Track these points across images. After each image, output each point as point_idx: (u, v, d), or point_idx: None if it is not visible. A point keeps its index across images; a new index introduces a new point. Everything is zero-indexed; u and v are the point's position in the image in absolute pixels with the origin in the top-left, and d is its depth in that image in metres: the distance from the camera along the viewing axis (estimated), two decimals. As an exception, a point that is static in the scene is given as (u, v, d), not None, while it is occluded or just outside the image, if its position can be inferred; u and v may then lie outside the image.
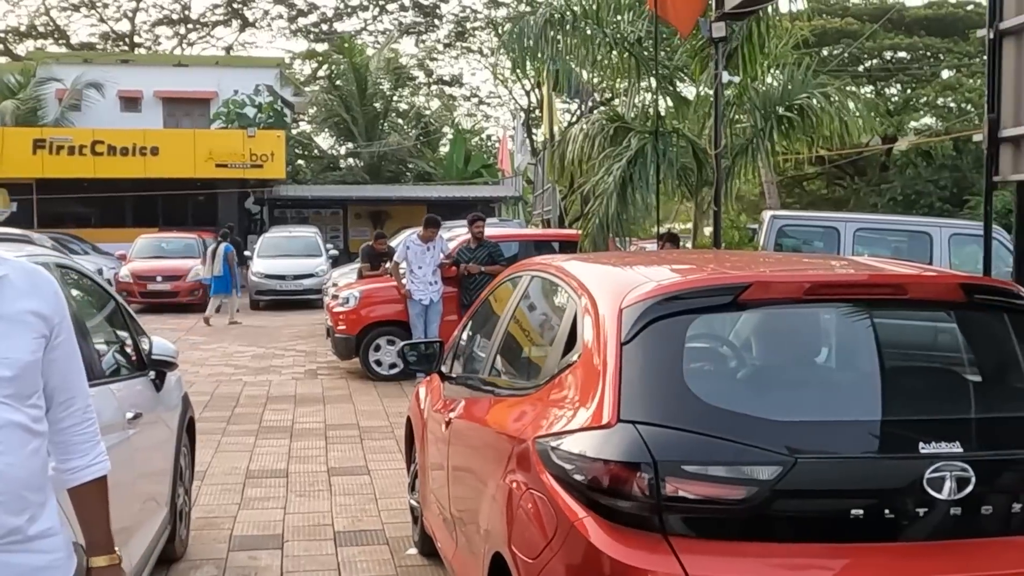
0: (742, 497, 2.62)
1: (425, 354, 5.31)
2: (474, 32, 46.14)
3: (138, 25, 49.11)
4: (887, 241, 12.62)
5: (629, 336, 2.94)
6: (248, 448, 8.54)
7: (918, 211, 27.36)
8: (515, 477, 3.21)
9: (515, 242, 13.41)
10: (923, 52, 33.38)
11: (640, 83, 12.55)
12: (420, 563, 5.62)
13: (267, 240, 24.47)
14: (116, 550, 2.50)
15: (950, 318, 3.12)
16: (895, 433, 2.77)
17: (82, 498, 2.49)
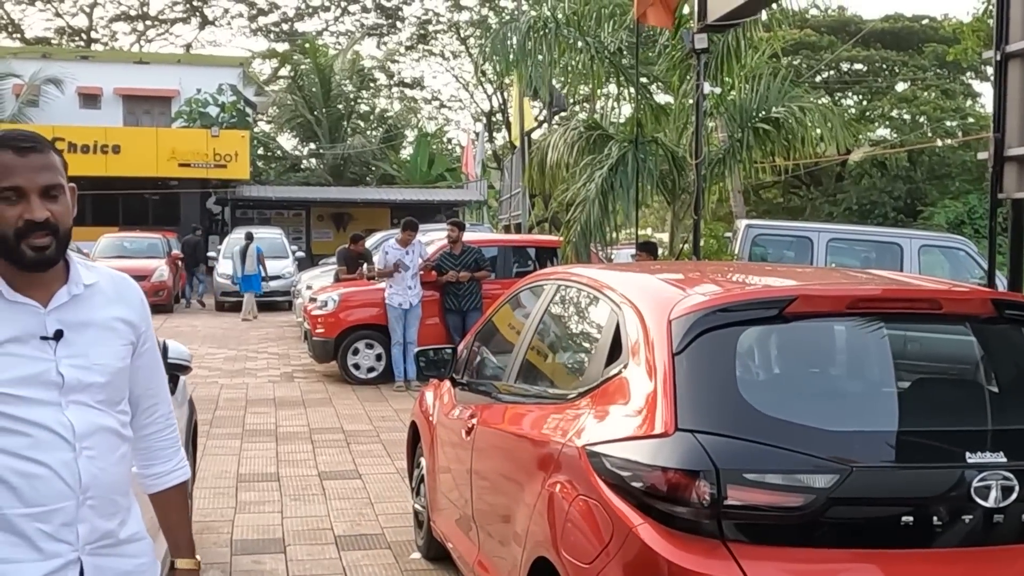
0: (799, 504, 2.72)
1: (436, 360, 5.37)
2: (436, 35, 46.17)
3: (95, 20, 48.51)
4: (859, 251, 12.89)
5: (680, 347, 3.03)
6: (235, 452, 8.51)
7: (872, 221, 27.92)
8: (561, 483, 3.28)
9: (495, 247, 13.48)
10: (879, 65, 34.03)
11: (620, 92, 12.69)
12: (425, 567, 5.67)
13: (233, 240, 24.28)
14: (198, 556, 2.54)
15: (982, 332, 3.25)
16: (942, 443, 2.89)
17: (165, 503, 2.52)
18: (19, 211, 2.13)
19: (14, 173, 2.13)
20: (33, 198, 2.14)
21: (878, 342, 3.18)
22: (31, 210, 2.13)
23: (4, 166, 2.13)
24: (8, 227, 2.13)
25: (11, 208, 2.13)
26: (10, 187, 2.13)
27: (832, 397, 3.11)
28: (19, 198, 2.13)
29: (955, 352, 3.33)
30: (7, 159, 2.13)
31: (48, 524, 2.16)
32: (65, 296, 2.25)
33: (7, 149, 2.14)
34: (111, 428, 2.28)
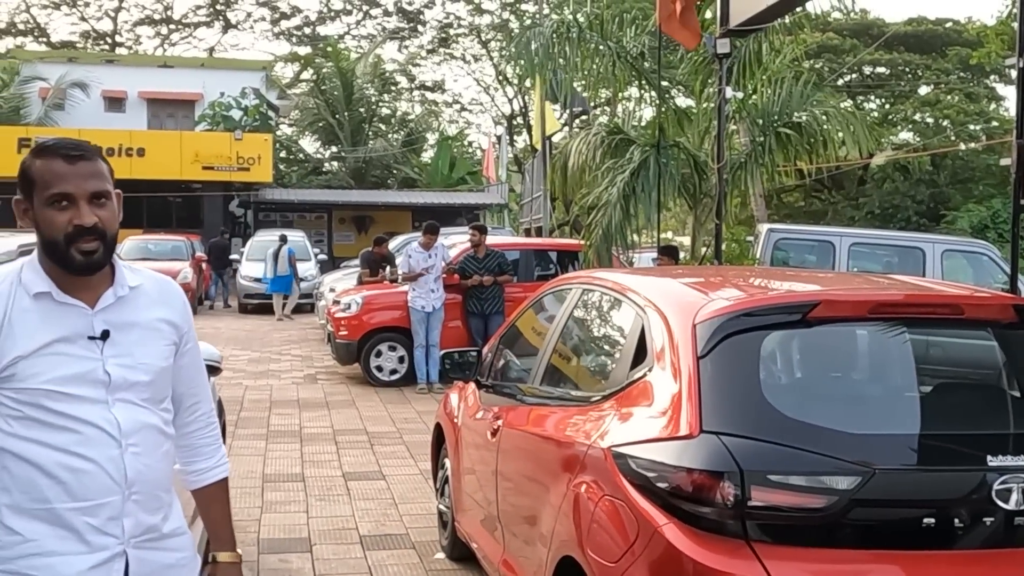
0: (822, 506, 2.77)
1: (461, 363, 5.45)
2: (457, 39, 46.31)
3: (120, 24, 48.95)
4: (881, 256, 12.88)
5: (705, 350, 3.09)
6: (260, 452, 8.61)
7: (895, 225, 27.83)
8: (587, 483, 3.34)
9: (517, 251, 13.56)
10: (902, 68, 33.91)
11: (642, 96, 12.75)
12: (450, 567, 5.74)
13: (255, 244, 24.46)
14: (238, 549, 2.62)
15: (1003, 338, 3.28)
16: (964, 446, 2.94)
17: (206, 498, 2.61)
18: (69, 216, 2.22)
19: (64, 180, 2.22)
20: (82, 204, 2.23)
21: (900, 346, 3.23)
22: (80, 216, 2.22)
23: (54, 173, 2.22)
24: (58, 232, 2.22)
25: (61, 214, 2.22)
26: (60, 193, 2.22)
27: (854, 400, 3.16)
28: (69, 204, 2.22)
29: (976, 357, 3.37)
30: (57, 167, 2.22)
31: (95, 518, 2.25)
32: (111, 298, 2.33)
33: (57, 157, 2.23)
34: (155, 426, 2.37)
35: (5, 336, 2.21)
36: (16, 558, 2.24)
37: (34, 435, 2.22)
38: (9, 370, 2.21)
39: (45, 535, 2.23)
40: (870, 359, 3.32)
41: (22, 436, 2.23)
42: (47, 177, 2.22)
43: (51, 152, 2.24)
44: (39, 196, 2.23)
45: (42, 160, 2.24)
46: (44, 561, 2.23)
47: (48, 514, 2.23)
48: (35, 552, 2.23)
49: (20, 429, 2.23)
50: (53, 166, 2.22)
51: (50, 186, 2.22)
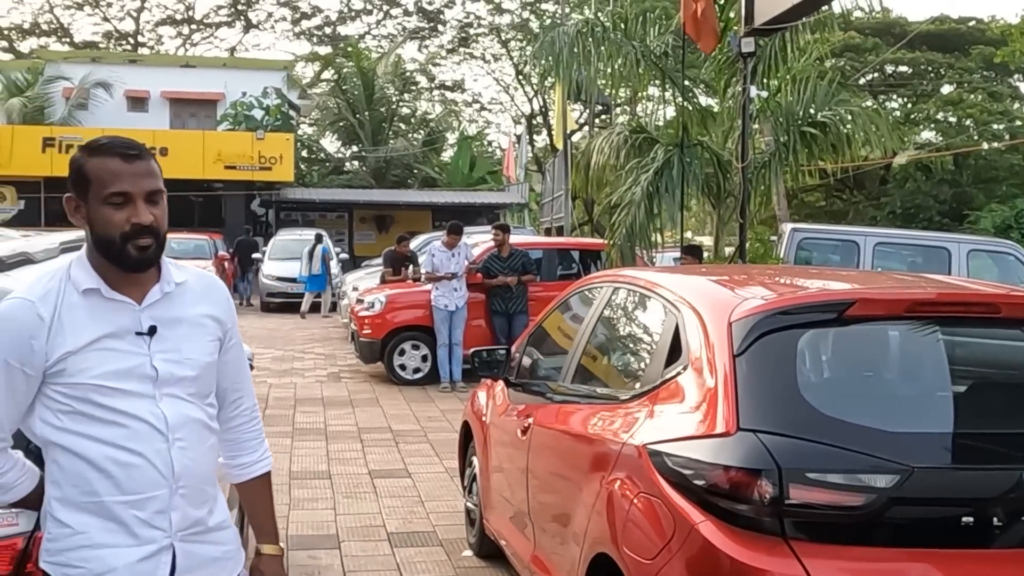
0: (860, 504, 2.77)
1: (490, 361, 5.46)
2: (477, 38, 46.34)
3: (142, 24, 49.29)
4: (906, 256, 12.81)
5: (741, 349, 3.09)
6: (286, 450, 8.66)
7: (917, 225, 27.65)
8: (621, 480, 3.35)
9: (539, 250, 13.58)
10: (924, 67, 33.70)
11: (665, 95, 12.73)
12: (478, 564, 5.76)
13: (277, 243, 24.58)
14: (281, 543, 2.65)
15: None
16: (1002, 445, 2.93)
17: (251, 492, 2.64)
18: (126, 215, 2.25)
19: (122, 179, 2.25)
20: (139, 203, 2.26)
21: (936, 345, 3.23)
22: (138, 214, 2.26)
23: (112, 172, 2.25)
24: (115, 230, 2.25)
25: (119, 212, 2.25)
26: (119, 192, 2.25)
27: (891, 399, 3.16)
28: (126, 202, 2.25)
29: (1013, 356, 3.36)
30: (115, 166, 2.25)
31: (143, 511, 2.28)
32: (158, 294, 2.36)
33: (115, 156, 2.26)
34: (200, 420, 2.40)
35: (55, 332, 2.25)
36: (66, 550, 2.28)
37: (83, 429, 2.26)
38: (59, 365, 2.25)
39: (94, 528, 2.27)
40: (906, 358, 3.32)
41: (71, 430, 2.26)
42: (104, 176, 2.25)
43: (107, 151, 2.27)
44: (95, 194, 2.26)
45: (98, 159, 2.27)
46: (93, 553, 2.26)
47: (97, 507, 2.27)
48: (84, 544, 2.27)
49: (69, 424, 2.26)
50: (110, 165, 2.25)
51: (108, 185, 2.25)
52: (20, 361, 2.23)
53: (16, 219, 27.82)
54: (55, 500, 2.30)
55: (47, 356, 2.24)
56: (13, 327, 2.24)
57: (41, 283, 2.31)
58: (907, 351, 3.31)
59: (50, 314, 2.25)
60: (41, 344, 2.23)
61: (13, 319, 2.25)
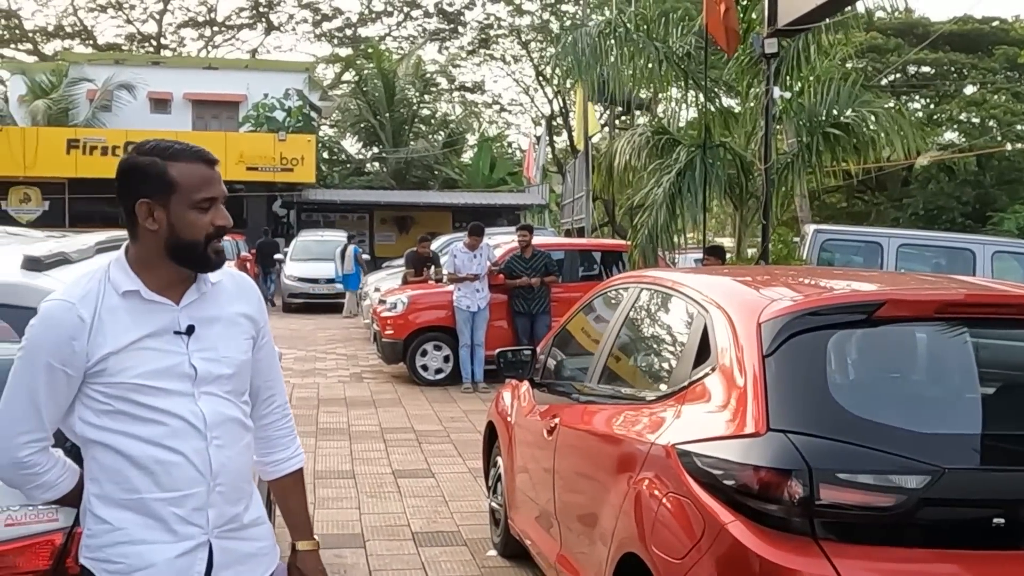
0: (891, 504, 2.77)
1: (515, 361, 5.49)
2: (497, 39, 46.39)
3: (164, 27, 49.59)
4: (929, 257, 12.74)
5: (771, 349, 3.10)
6: (311, 449, 8.70)
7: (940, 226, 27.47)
8: (649, 480, 3.36)
9: (562, 251, 13.60)
10: (947, 67, 33.48)
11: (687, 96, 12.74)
12: (503, 564, 5.78)
13: (299, 244, 24.71)
14: (316, 536, 2.68)
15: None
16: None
17: (283, 489, 2.67)
18: (210, 218, 2.32)
19: (212, 184, 2.33)
20: (220, 205, 2.35)
21: (965, 346, 3.22)
22: (221, 216, 2.34)
23: (203, 178, 2.32)
24: (200, 233, 2.32)
25: (205, 215, 2.32)
26: (211, 198, 2.33)
27: (921, 400, 3.16)
28: (210, 206, 2.33)
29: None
30: (204, 171, 2.33)
31: (182, 508, 2.32)
32: (195, 294, 2.40)
33: (200, 162, 2.33)
34: (237, 419, 2.44)
35: (95, 333, 2.29)
36: (105, 546, 2.32)
37: (124, 428, 2.30)
38: (100, 365, 2.29)
39: (133, 524, 2.31)
40: (936, 359, 3.31)
41: (112, 429, 2.30)
42: (195, 181, 2.31)
43: (191, 157, 2.32)
44: (183, 198, 2.30)
45: (184, 164, 2.31)
46: (133, 549, 2.30)
47: (137, 504, 2.31)
48: (123, 540, 2.31)
49: (109, 422, 2.31)
50: (199, 170, 2.32)
51: (199, 190, 2.31)
52: (62, 362, 2.27)
53: (40, 220, 28.14)
54: (95, 497, 2.34)
55: (88, 357, 2.28)
56: (54, 329, 2.28)
57: (80, 285, 2.34)
58: (936, 352, 3.31)
59: (90, 315, 2.29)
60: (82, 345, 2.27)
61: (54, 321, 2.29)
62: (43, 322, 2.30)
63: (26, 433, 2.31)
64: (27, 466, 2.34)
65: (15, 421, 2.30)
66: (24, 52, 48.04)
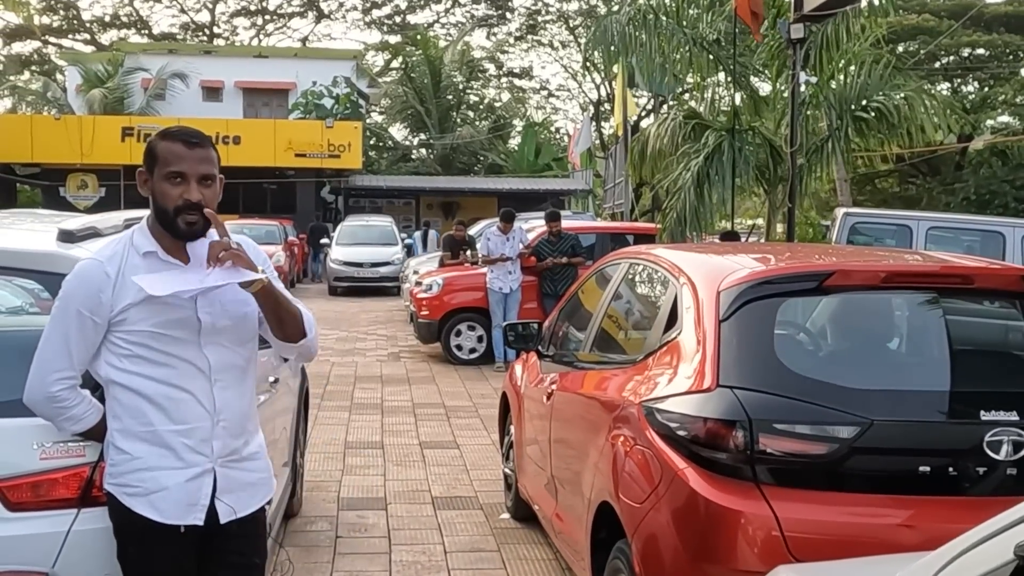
0: (824, 452, 3.08)
1: (523, 334, 5.83)
2: (545, 25, 46.57)
3: (217, 16, 50.47)
4: (960, 240, 12.79)
5: (726, 315, 3.40)
6: (343, 422, 9.13)
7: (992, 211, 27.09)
8: (621, 435, 3.69)
9: (593, 234, 13.89)
10: (1002, 49, 32.96)
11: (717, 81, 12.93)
12: (514, 526, 6.12)
13: (345, 228, 25.23)
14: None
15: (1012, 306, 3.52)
16: (959, 402, 3.20)
17: None
18: (180, 191, 2.72)
19: (182, 161, 2.72)
20: (192, 183, 2.73)
21: (910, 314, 3.50)
22: (189, 192, 2.72)
23: (175, 154, 2.73)
24: (171, 203, 2.72)
25: (175, 188, 2.72)
26: (177, 172, 2.72)
27: (861, 360, 3.44)
28: (182, 181, 2.72)
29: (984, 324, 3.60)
30: (178, 149, 2.73)
31: (190, 439, 2.75)
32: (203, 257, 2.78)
33: (179, 141, 2.74)
34: (239, 365, 2.86)
35: (119, 287, 2.73)
36: (126, 473, 2.75)
37: (141, 370, 2.73)
38: (122, 315, 2.72)
39: (149, 453, 2.73)
40: (880, 324, 3.59)
41: (131, 371, 2.73)
42: (168, 157, 2.73)
43: (174, 137, 2.75)
44: (159, 171, 2.73)
45: (166, 142, 2.75)
46: (150, 475, 2.73)
47: (152, 436, 2.73)
48: (141, 468, 2.74)
49: (129, 365, 2.73)
50: (175, 148, 2.73)
51: (169, 164, 2.72)
52: (90, 311, 2.71)
53: (97, 205, 29.01)
54: (116, 431, 2.77)
55: (112, 307, 2.71)
56: (85, 283, 2.73)
57: (109, 247, 2.81)
58: (881, 318, 3.58)
59: (115, 272, 2.73)
60: (108, 297, 2.71)
61: (85, 275, 2.74)
62: (76, 277, 2.75)
63: (58, 371, 2.74)
64: (58, 400, 2.76)
65: (49, 360, 2.74)
66: (81, 42, 49.29)
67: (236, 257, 2.67)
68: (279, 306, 2.81)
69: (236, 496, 2.82)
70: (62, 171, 30.27)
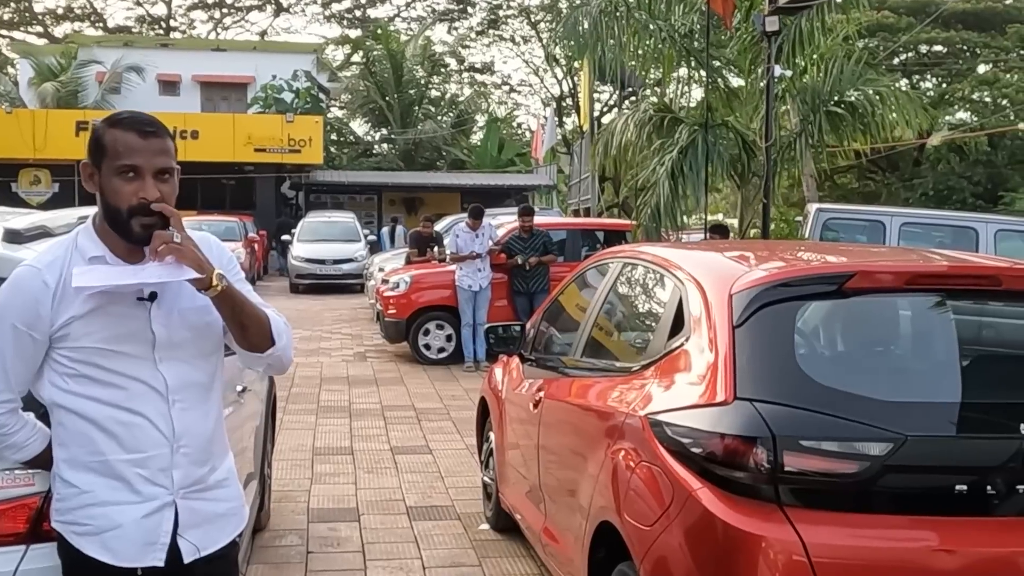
0: (854, 471, 2.81)
1: (505, 337, 5.54)
2: (507, 20, 46.25)
3: (174, 9, 49.60)
4: (933, 236, 12.69)
5: (741, 320, 3.13)
6: (311, 426, 8.79)
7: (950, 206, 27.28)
8: (625, 451, 3.41)
9: (563, 231, 13.63)
10: (960, 46, 33.21)
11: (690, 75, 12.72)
12: (494, 538, 5.84)
13: (306, 225, 24.78)
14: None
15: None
16: (995, 415, 2.96)
17: None
18: (135, 188, 2.33)
19: (136, 154, 2.33)
20: (148, 178, 2.34)
21: (937, 317, 3.25)
22: (146, 189, 2.33)
23: (127, 146, 2.33)
24: (123, 202, 2.33)
25: (128, 185, 2.33)
26: (130, 165, 2.33)
27: (889, 369, 3.19)
28: (136, 176, 2.33)
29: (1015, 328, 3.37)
30: (131, 140, 2.33)
31: (146, 469, 2.38)
32: None
33: (132, 131, 2.34)
34: (200, 382, 2.49)
35: (60, 298, 2.35)
36: (74, 509, 2.39)
37: (87, 391, 2.36)
38: (63, 330, 2.35)
39: (99, 486, 2.37)
40: (906, 330, 3.34)
41: (76, 392, 2.37)
42: (119, 148, 2.33)
43: (126, 125, 2.35)
44: (108, 165, 2.34)
45: (117, 131, 2.35)
46: (100, 511, 2.37)
47: (102, 466, 2.37)
48: (91, 503, 2.38)
49: (75, 386, 2.37)
50: (127, 138, 2.33)
51: (121, 157, 2.33)
52: (27, 325, 2.34)
53: (50, 202, 28.27)
54: (62, 461, 2.41)
55: (52, 321, 2.34)
56: (20, 293, 2.35)
57: (50, 251, 2.42)
58: (908, 323, 3.34)
59: (55, 281, 2.35)
60: (47, 310, 2.34)
61: (20, 285, 2.36)
62: (10, 286, 2.37)
63: None
64: None
65: None
66: (34, 35, 48.19)
67: (178, 252, 2.29)
68: (241, 311, 2.43)
69: (202, 531, 2.46)
70: (14, 166, 29.46)
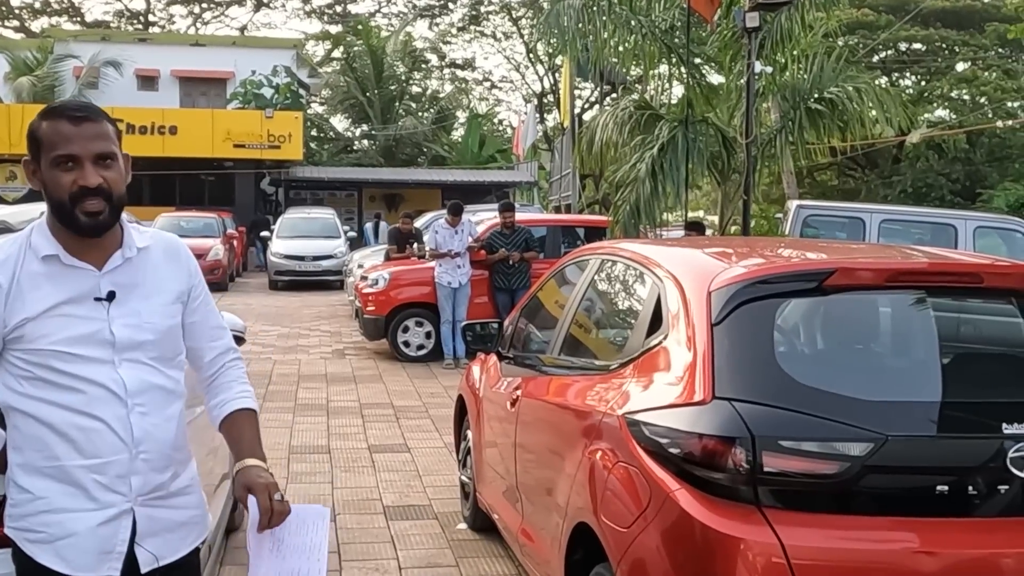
0: (834, 472, 2.76)
1: (483, 335, 5.47)
2: (487, 16, 46.15)
3: (153, 4, 49.21)
4: (912, 233, 12.72)
5: (719, 318, 3.08)
6: (287, 425, 8.70)
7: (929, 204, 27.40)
8: (602, 451, 3.35)
9: (543, 227, 13.57)
10: (938, 44, 33.35)
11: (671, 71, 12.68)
12: (472, 537, 5.77)
13: (286, 221, 24.63)
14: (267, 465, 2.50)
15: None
16: (978, 414, 2.91)
17: (231, 426, 2.53)
18: (73, 177, 2.24)
19: (70, 141, 2.24)
20: (87, 165, 2.25)
21: (918, 315, 3.21)
22: (84, 176, 2.24)
23: (60, 135, 2.25)
24: (63, 192, 2.25)
25: (67, 175, 2.25)
26: (65, 155, 2.24)
27: (869, 368, 3.14)
28: (74, 165, 2.25)
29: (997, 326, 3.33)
30: (63, 128, 2.25)
31: (103, 475, 2.29)
32: (119, 259, 2.36)
33: (62, 119, 2.26)
34: (162, 386, 2.39)
35: (14, 298, 2.26)
36: (27, 515, 2.30)
37: (44, 395, 2.27)
38: (18, 331, 2.26)
39: (55, 492, 2.28)
40: (887, 328, 3.29)
41: (32, 396, 2.28)
42: (53, 139, 2.25)
43: (57, 114, 2.28)
44: (46, 157, 2.26)
45: (48, 122, 2.27)
46: (54, 518, 2.28)
47: (58, 472, 2.28)
48: (45, 509, 2.28)
49: (31, 389, 2.28)
50: (59, 127, 2.25)
51: (56, 147, 2.25)
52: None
53: (26, 198, 27.98)
54: (17, 466, 2.32)
55: (5, 322, 2.25)
56: None
57: (2, 250, 2.31)
58: (889, 321, 3.29)
59: (8, 280, 2.26)
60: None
61: None
62: None
63: None
64: None
65: None
66: (11, 29, 47.71)
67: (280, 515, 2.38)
68: None
69: (161, 539, 2.37)
70: (-11, 162, 29.17)
